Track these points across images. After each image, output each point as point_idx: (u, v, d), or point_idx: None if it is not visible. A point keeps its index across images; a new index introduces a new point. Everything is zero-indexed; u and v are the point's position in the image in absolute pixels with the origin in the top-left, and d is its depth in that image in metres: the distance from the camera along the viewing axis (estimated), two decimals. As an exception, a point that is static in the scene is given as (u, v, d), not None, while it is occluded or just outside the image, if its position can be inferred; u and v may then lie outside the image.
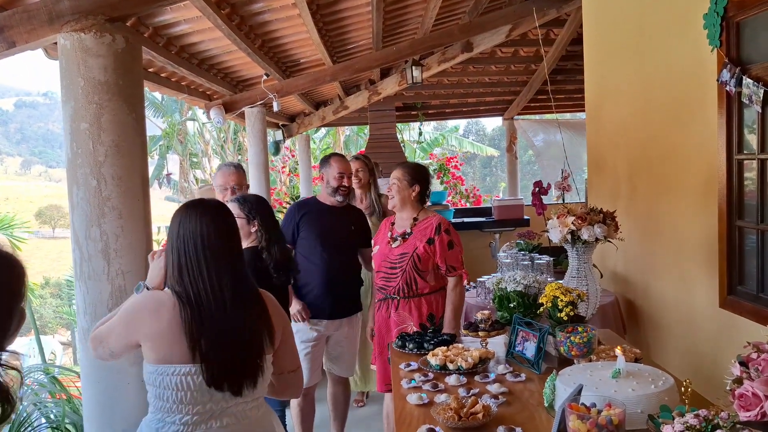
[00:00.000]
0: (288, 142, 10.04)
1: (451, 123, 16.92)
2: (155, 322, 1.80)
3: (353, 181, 4.07)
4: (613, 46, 4.40)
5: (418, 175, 3.38)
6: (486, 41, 6.51)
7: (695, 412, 1.38)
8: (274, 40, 4.52)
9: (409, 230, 3.36)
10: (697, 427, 1.30)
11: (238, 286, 1.87)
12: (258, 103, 5.33)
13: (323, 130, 15.04)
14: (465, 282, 3.63)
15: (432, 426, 2.05)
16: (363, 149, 14.20)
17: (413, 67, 6.37)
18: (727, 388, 1.17)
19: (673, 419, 1.53)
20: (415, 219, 3.37)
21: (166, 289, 1.88)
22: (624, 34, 4.18)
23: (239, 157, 15.12)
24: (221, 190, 3.48)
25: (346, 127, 14.70)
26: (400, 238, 3.36)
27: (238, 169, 3.57)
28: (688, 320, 3.47)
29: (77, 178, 2.14)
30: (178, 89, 4.69)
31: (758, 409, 1.05)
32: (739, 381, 1.12)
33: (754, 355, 1.16)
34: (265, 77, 5.13)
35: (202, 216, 1.85)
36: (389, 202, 3.45)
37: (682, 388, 1.66)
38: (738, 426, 1.19)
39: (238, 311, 1.84)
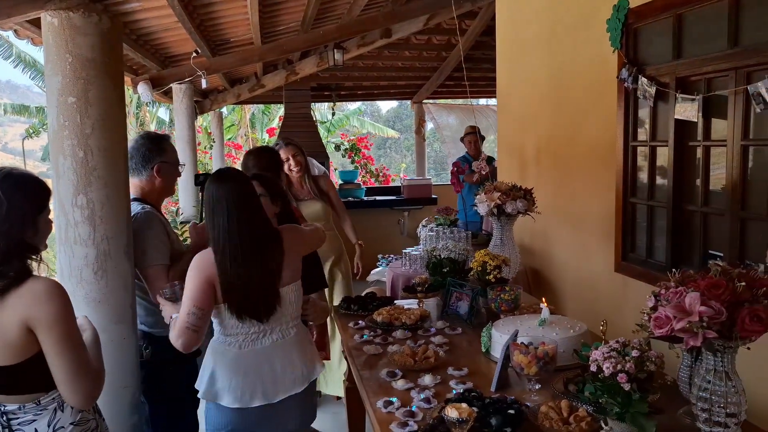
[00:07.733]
0: (200, 118, 9.97)
1: (353, 105, 17.22)
2: (207, 271, 2.14)
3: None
4: (524, 40, 4.85)
5: None
6: (404, 29, 6.84)
7: (614, 340, 1.80)
8: (212, 19, 4.60)
9: None
10: (618, 349, 1.72)
11: (254, 235, 2.18)
12: (186, 79, 5.38)
13: (228, 106, 14.87)
14: None
15: (392, 369, 2.38)
16: (273, 127, 14.23)
17: (335, 50, 6.60)
18: (644, 317, 1.59)
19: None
20: None
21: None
22: (535, 31, 4.63)
23: (140, 131, 14.68)
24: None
25: (253, 105, 14.62)
26: None
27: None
28: (588, 284, 4.01)
29: (63, 149, 2.26)
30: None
31: (668, 326, 1.46)
32: (654, 308, 1.54)
33: (663, 291, 1.58)
34: (194, 54, 5.20)
35: (216, 183, 2.19)
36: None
37: (600, 327, 2.09)
38: (649, 340, 1.63)
39: (254, 257, 2.16)
